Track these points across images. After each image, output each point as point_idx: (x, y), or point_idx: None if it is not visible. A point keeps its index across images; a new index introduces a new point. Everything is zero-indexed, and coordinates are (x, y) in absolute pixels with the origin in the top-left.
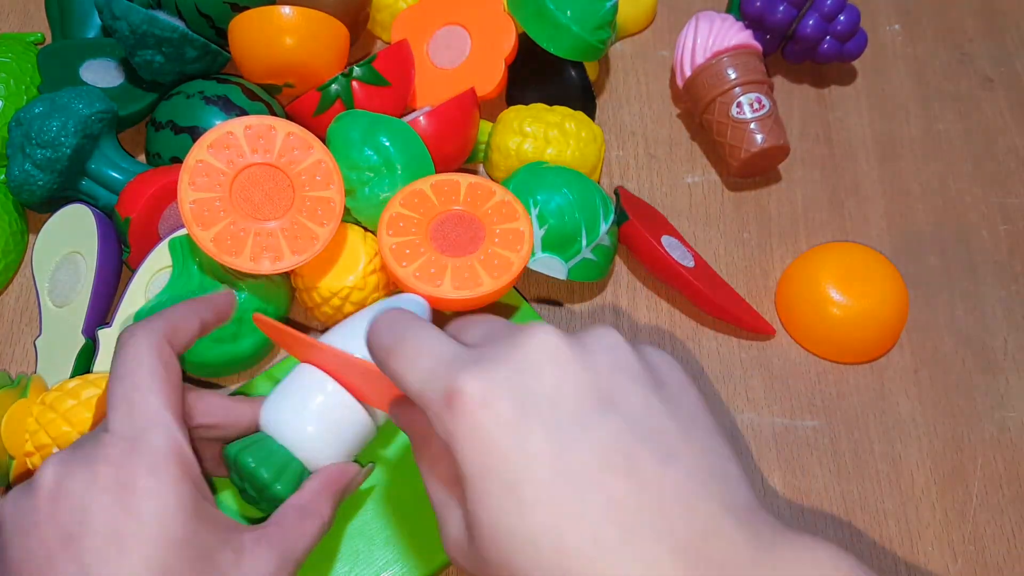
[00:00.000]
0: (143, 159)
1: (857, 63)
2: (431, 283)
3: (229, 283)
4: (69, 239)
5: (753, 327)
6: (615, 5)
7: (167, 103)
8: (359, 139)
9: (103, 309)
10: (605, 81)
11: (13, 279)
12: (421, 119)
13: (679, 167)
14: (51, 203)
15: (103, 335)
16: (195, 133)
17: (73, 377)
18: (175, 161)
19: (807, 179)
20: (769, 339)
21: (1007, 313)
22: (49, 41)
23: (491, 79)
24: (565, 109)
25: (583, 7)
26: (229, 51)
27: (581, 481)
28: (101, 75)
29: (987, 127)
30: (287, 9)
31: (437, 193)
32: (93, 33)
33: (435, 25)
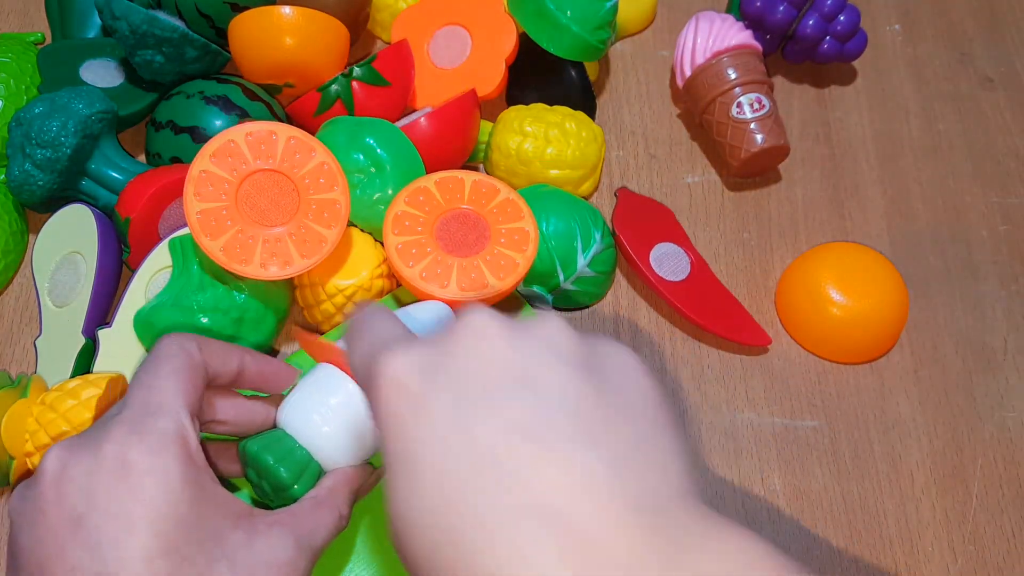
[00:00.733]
0: (143, 159)
1: (857, 63)
2: (438, 283)
3: (230, 283)
4: (69, 239)
5: (747, 341)
6: (615, 5)
7: (167, 103)
8: (345, 143)
9: (103, 309)
10: (605, 81)
11: (13, 279)
12: (422, 120)
13: (679, 167)
14: (51, 203)
15: (103, 335)
16: (195, 133)
17: (73, 377)
18: (175, 161)
19: (807, 179)
20: (766, 347)
21: (1007, 313)
22: (49, 41)
23: (491, 79)
24: (565, 109)
25: (583, 7)
26: (229, 51)
27: (476, 461)
28: (101, 75)
29: (987, 127)
30: (287, 9)
31: (442, 190)
32: (93, 33)
33: (435, 25)
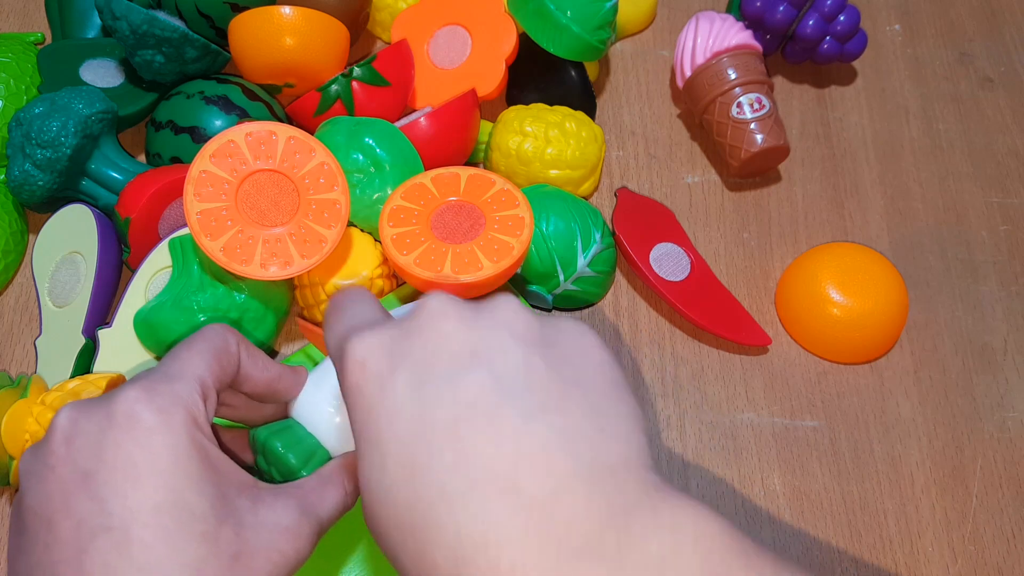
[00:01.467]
0: (143, 159)
1: (857, 63)
2: (431, 269)
3: (230, 283)
4: (69, 239)
5: (747, 341)
6: (615, 5)
7: (167, 103)
8: (344, 143)
9: (103, 309)
10: (605, 81)
11: (13, 279)
12: (422, 120)
13: (679, 167)
14: (51, 203)
15: (103, 335)
16: (195, 133)
17: (73, 377)
18: (175, 161)
19: (807, 179)
20: (766, 347)
21: (1007, 313)
22: (49, 41)
23: (491, 79)
24: (565, 109)
25: (583, 7)
26: (229, 51)
27: (434, 434)
28: (101, 75)
29: (987, 127)
30: (287, 9)
31: (438, 185)
32: (93, 33)
33: (435, 25)
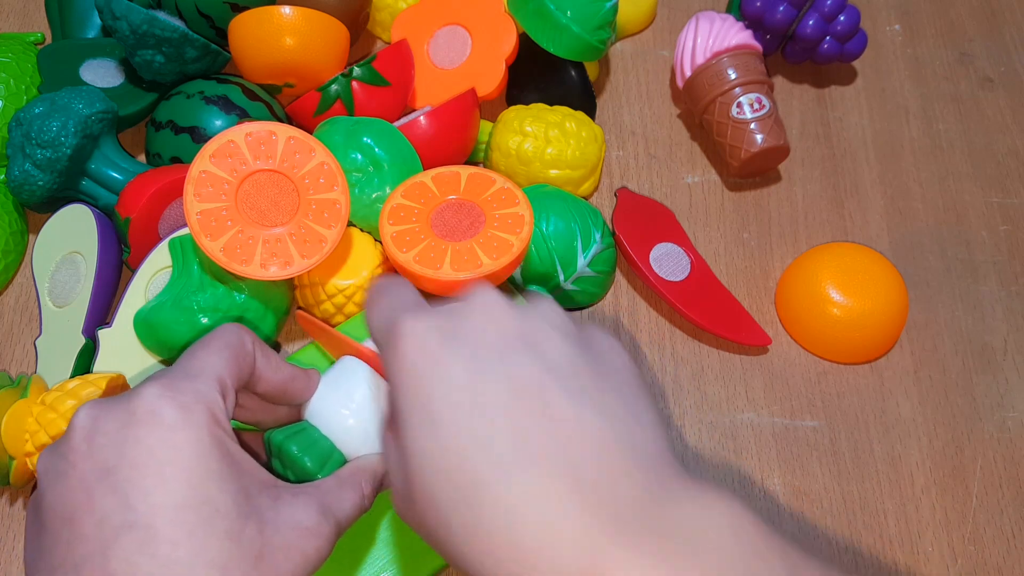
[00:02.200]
0: (143, 159)
1: (857, 63)
2: (431, 266)
3: (230, 283)
4: (69, 239)
5: (747, 341)
6: (615, 5)
7: (167, 103)
8: (342, 142)
9: (103, 309)
10: (605, 81)
11: (13, 279)
12: (421, 119)
13: (679, 167)
14: (51, 203)
15: (103, 335)
16: (195, 133)
17: (73, 377)
18: (175, 161)
19: (807, 179)
20: (766, 347)
21: (1007, 313)
22: (49, 41)
23: (491, 79)
24: (565, 109)
25: (583, 7)
26: (229, 51)
27: (492, 409)
28: (101, 75)
29: (987, 127)
30: (287, 9)
31: (438, 184)
32: (93, 33)
33: (435, 25)
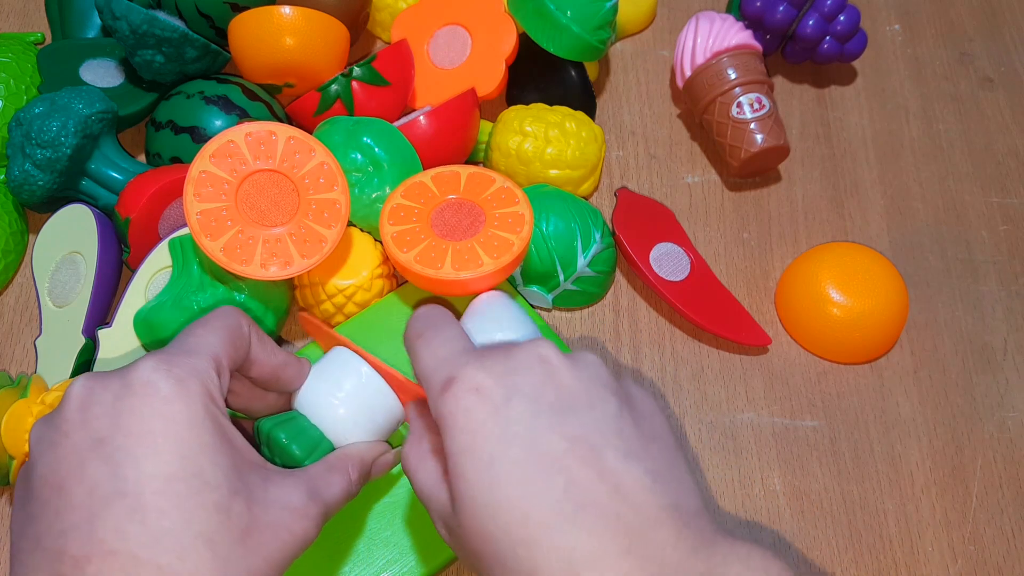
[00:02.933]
0: (143, 159)
1: (857, 63)
2: (432, 266)
3: (230, 283)
4: (69, 239)
5: (747, 341)
6: (615, 5)
7: (167, 103)
8: (342, 142)
9: (103, 309)
10: (605, 81)
11: (13, 279)
12: (421, 119)
13: (679, 167)
14: (51, 203)
15: (103, 335)
16: (195, 133)
17: (73, 377)
18: (175, 161)
19: (807, 179)
20: (766, 347)
21: (1007, 313)
22: (49, 41)
23: (491, 79)
24: (565, 109)
25: (583, 7)
26: (229, 51)
27: (548, 463)
28: (101, 75)
29: (987, 127)
30: (287, 9)
31: (438, 184)
32: (93, 33)
33: (435, 25)
